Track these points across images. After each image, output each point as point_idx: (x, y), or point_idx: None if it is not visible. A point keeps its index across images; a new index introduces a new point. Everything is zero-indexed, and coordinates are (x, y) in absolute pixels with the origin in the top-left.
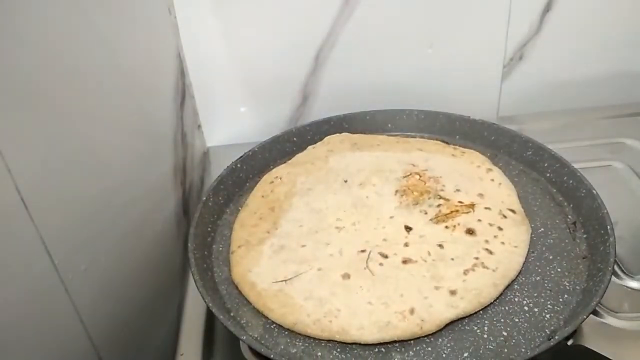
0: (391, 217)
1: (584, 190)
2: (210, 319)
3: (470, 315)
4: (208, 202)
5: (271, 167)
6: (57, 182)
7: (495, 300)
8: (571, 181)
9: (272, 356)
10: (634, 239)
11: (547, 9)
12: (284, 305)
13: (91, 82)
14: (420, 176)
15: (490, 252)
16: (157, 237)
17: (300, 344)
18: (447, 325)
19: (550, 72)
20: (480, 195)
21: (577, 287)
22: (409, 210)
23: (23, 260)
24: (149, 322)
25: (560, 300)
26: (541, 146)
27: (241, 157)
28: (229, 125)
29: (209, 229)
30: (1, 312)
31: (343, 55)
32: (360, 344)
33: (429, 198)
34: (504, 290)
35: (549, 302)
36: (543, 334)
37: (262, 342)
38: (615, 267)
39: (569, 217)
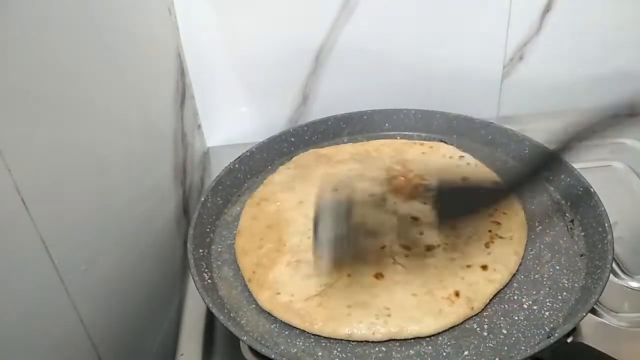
0: (395, 213)
1: (581, 189)
2: (210, 319)
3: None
4: (207, 203)
5: (269, 167)
6: (57, 182)
7: (494, 299)
8: (569, 179)
9: (272, 356)
10: (633, 239)
11: (547, 9)
12: (330, 318)
13: (91, 82)
14: (404, 177)
15: (498, 223)
16: (157, 237)
17: (301, 343)
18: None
19: (550, 72)
20: (465, 178)
21: (576, 285)
22: (409, 204)
23: (23, 260)
24: (149, 322)
25: (559, 297)
26: (537, 144)
27: (239, 157)
28: (229, 125)
29: (208, 230)
30: (1, 312)
31: (343, 56)
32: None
33: (423, 191)
34: (502, 288)
35: (547, 300)
36: (542, 332)
37: (262, 342)
38: (615, 267)
39: (567, 215)
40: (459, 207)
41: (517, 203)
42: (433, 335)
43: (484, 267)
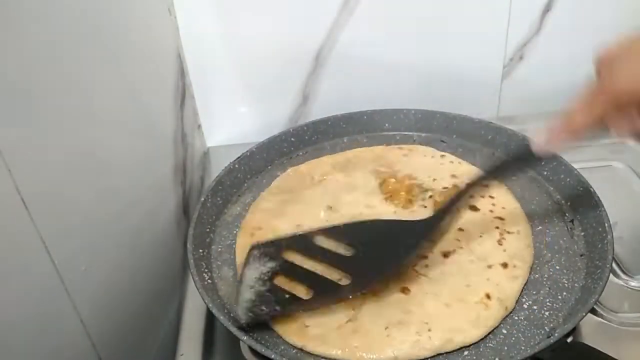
0: None
1: (581, 188)
2: (210, 319)
3: None
4: (206, 203)
5: (269, 167)
6: (57, 182)
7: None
8: (568, 179)
9: (272, 356)
10: (633, 239)
11: (547, 9)
12: (370, 343)
13: (91, 82)
14: (394, 178)
15: (502, 219)
16: (157, 237)
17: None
18: None
19: (550, 72)
20: (453, 176)
21: (576, 285)
22: (409, 210)
23: (23, 260)
24: (149, 322)
25: (559, 297)
26: None
27: (239, 157)
28: (229, 125)
29: (208, 230)
30: (1, 312)
31: (343, 56)
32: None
33: (419, 192)
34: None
35: (547, 300)
36: (542, 332)
37: (262, 342)
38: (615, 267)
39: (567, 215)
40: (378, 262)
41: (510, 194)
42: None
43: (504, 265)
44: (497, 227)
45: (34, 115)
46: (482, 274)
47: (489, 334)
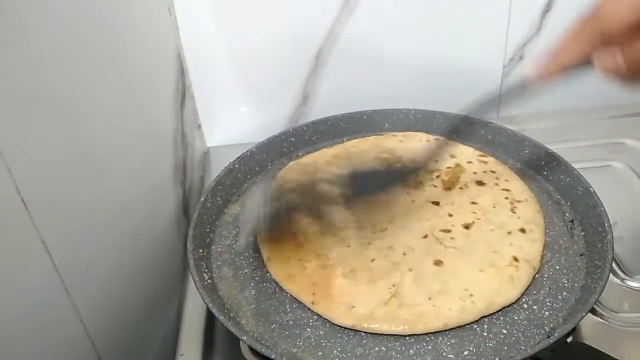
0: (413, 202)
1: (580, 188)
2: (210, 319)
3: None
4: (206, 203)
5: (269, 167)
6: (57, 182)
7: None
8: (568, 179)
9: (272, 356)
10: (633, 239)
11: (547, 9)
12: (418, 315)
13: (91, 82)
14: (401, 163)
15: (508, 190)
16: (157, 237)
17: (301, 343)
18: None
19: None
20: (452, 156)
21: (576, 285)
22: (421, 190)
23: (23, 260)
24: (149, 322)
25: (559, 297)
26: (537, 144)
27: (239, 157)
28: (229, 125)
29: (208, 230)
30: (1, 312)
31: (343, 55)
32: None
33: (426, 173)
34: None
35: (547, 300)
36: (542, 332)
37: (262, 342)
38: (615, 267)
39: (567, 214)
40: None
41: (509, 168)
42: (433, 335)
43: (522, 230)
44: (507, 198)
45: (34, 115)
46: (505, 240)
47: (518, 300)
